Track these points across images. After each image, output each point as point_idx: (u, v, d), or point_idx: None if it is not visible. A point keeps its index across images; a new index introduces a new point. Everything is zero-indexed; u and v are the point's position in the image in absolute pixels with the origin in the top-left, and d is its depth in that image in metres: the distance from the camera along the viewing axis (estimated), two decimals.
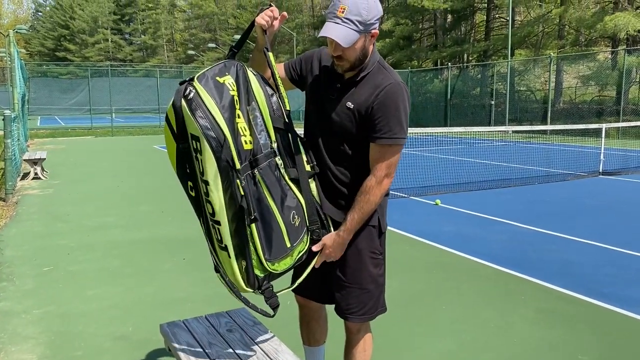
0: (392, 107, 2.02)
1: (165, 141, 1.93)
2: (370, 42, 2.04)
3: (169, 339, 2.30)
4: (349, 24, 1.93)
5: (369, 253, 2.20)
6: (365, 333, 2.35)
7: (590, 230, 6.22)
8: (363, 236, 2.19)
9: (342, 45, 1.94)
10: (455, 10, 33.82)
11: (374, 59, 2.10)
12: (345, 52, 1.99)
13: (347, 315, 2.25)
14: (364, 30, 1.96)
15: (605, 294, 4.18)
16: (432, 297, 4.20)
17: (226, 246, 1.88)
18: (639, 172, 11.02)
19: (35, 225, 6.59)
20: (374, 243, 2.21)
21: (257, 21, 2.05)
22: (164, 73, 37.31)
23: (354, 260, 2.20)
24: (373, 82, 2.06)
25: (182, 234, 6.12)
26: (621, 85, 21.44)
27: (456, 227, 6.41)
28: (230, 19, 63.33)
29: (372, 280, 2.22)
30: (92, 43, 72.69)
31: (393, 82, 2.05)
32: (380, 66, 2.11)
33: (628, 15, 22.11)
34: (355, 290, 2.21)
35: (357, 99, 2.07)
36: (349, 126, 2.09)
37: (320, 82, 2.21)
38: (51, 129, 25.33)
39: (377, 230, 2.22)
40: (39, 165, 10.32)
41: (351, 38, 1.94)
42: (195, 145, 1.81)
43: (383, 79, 2.06)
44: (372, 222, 2.20)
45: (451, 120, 27.17)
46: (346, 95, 2.10)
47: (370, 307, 2.24)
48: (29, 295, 4.23)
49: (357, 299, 2.22)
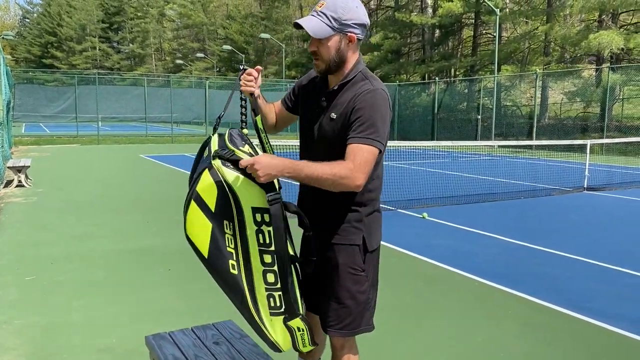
0: (368, 109, 2.00)
1: (187, 228, 1.93)
2: (347, 47, 2.05)
3: (155, 352, 2.27)
4: (322, 17, 1.98)
5: (348, 269, 2.16)
6: (349, 350, 2.28)
7: (576, 245, 6.27)
8: (343, 252, 2.16)
9: (311, 34, 1.98)
10: (443, 25, 34.19)
11: (357, 69, 2.09)
12: (319, 49, 2.03)
13: (326, 328, 2.22)
14: (338, 28, 1.99)
15: (591, 309, 4.21)
16: (420, 311, 4.19)
17: (286, 309, 1.98)
18: (623, 187, 11.17)
19: (18, 234, 6.50)
20: (355, 259, 2.17)
21: (245, 91, 2.15)
22: (151, 82, 37.24)
23: (332, 274, 2.18)
24: (354, 90, 2.07)
25: (167, 244, 6.07)
26: (605, 102, 21.77)
27: (443, 241, 6.43)
28: (219, 29, 63.43)
29: (350, 296, 2.17)
30: (79, 51, 72.40)
31: (372, 89, 2.04)
32: (363, 76, 2.10)
33: (612, 34, 22.50)
34: (333, 304, 2.19)
35: (338, 109, 2.08)
36: (334, 137, 2.09)
37: (308, 99, 2.23)
38: (36, 136, 25.08)
39: (361, 249, 2.18)
40: (23, 172, 10.20)
41: (323, 31, 1.98)
42: (261, 217, 1.88)
43: (363, 86, 2.06)
44: (355, 240, 2.16)
45: (438, 134, 27.37)
46: (330, 107, 2.11)
47: (349, 323, 2.19)
48: (11, 305, 4.15)
49: (335, 312, 2.19)
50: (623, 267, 5.37)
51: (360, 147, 1.98)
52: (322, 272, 2.18)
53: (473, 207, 8.74)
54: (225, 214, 1.88)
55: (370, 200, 2.18)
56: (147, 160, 16.37)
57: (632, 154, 19.22)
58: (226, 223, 1.89)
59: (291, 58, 50.56)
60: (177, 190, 10.22)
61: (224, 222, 1.89)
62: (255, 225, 1.88)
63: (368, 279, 2.22)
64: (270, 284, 1.93)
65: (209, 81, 34.58)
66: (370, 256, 2.22)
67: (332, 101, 2.11)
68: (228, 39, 58.91)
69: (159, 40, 74.78)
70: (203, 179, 1.88)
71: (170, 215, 7.73)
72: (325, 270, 2.18)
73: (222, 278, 1.94)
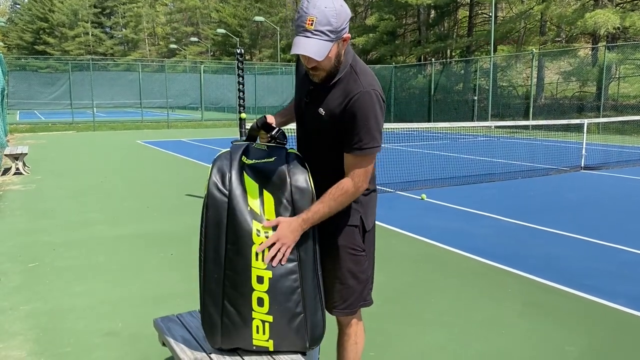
0: (361, 118, 1.98)
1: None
2: (343, 47, 2.00)
3: (164, 334, 2.30)
4: (321, 36, 1.86)
5: (348, 249, 2.21)
6: (357, 326, 2.37)
7: (574, 224, 6.32)
8: (342, 233, 2.20)
9: (316, 59, 1.89)
10: (439, 5, 33.96)
11: (346, 62, 2.05)
12: (320, 63, 1.95)
13: (331, 309, 2.28)
14: (336, 38, 1.90)
15: (589, 286, 4.26)
16: (420, 291, 4.24)
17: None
18: (619, 166, 11.21)
19: (18, 222, 6.51)
20: (354, 240, 2.21)
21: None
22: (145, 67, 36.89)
23: (333, 256, 2.21)
24: (343, 89, 2.03)
25: (168, 229, 6.09)
26: (601, 81, 21.75)
27: (442, 221, 6.47)
28: (213, 12, 62.86)
29: (352, 276, 2.23)
30: (72, 36, 71.75)
31: (362, 91, 2.00)
32: (352, 70, 2.05)
33: (607, 13, 22.41)
34: (337, 285, 2.24)
35: (328, 106, 2.06)
36: (322, 131, 2.12)
37: (301, 88, 2.22)
38: (31, 123, 24.97)
39: (360, 229, 2.23)
40: (21, 160, 10.17)
41: (325, 50, 1.88)
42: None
43: (353, 86, 2.01)
44: (353, 222, 2.20)
45: (435, 115, 27.33)
46: (317, 101, 2.09)
47: (352, 301, 2.26)
48: (15, 291, 4.18)
49: (338, 293, 2.24)
50: (620, 245, 5.43)
51: (358, 159, 2.04)
52: (323, 255, 2.20)
53: (471, 187, 8.78)
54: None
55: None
56: (144, 146, 16.33)
57: (628, 132, 19.26)
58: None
59: (286, 41, 50.20)
60: (175, 175, 10.23)
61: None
62: None
63: (367, 258, 2.28)
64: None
65: (203, 65, 34.39)
66: (368, 235, 2.28)
67: (321, 95, 2.09)
68: (222, 22, 58.43)
69: (152, 25, 74.12)
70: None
71: (170, 200, 7.74)
72: (326, 253, 2.21)
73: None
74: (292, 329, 2.01)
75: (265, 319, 1.99)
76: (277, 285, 1.98)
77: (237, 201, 2.00)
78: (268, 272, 1.98)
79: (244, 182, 2.04)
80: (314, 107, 2.10)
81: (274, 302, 1.97)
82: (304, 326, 2.04)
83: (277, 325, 1.99)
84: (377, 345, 3.26)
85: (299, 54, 1.92)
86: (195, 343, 2.19)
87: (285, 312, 1.99)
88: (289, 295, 2.00)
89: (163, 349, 2.54)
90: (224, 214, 2.00)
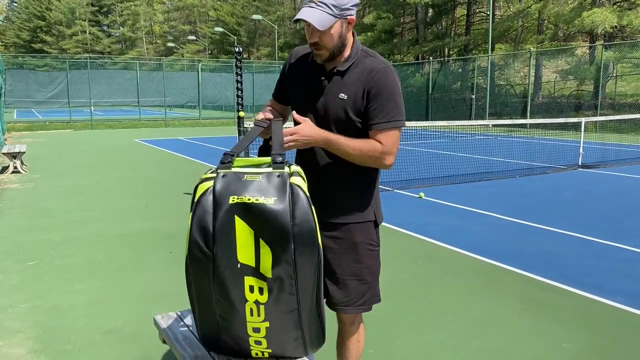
0: (385, 91, 2.03)
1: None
2: (347, 30, 2.03)
3: (164, 331, 2.30)
4: (324, 7, 1.93)
5: (366, 245, 2.22)
6: (359, 324, 2.37)
7: (571, 222, 6.34)
8: (359, 229, 2.20)
9: (317, 28, 1.92)
10: (436, 4, 34.00)
11: (357, 48, 2.09)
12: (322, 38, 1.98)
13: (346, 308, 2.25)
14: (339, 14, 1.95)
15: (587, 284, 4.28)
16: (419, 289, 4.25)
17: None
18: (617, 165, 11.25)
19: (17, 220, 6.50)
20: (370, 235, 2.23)
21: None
22: (143, 65, 36.88)
23: (352, 253, 2.21)
24: (362, 69, 2.06)
25: (167, 227, 6.10)
26: (599, 80, 21.80)
27: (440, 220, 6.49)
28: (211, 11, 62.76)
29: (369, 272, 2.24)
30: (69, 35, 71.59)
31: (383, 66, 2.05)
32: (365, 53, 2.11)
33: (605, 12, 22.45)
34: (354, 282, 2.22)
35: (349, 88, 2.06)
36: (343, 116, 2.07)
37: (305, 78, 2.16)
38: (28, 122, 24.94)
39: (373, 224, 2.25)
40: (19, 158, 10.16)
41: (326, 21, 1.93)
42: None
43: (372, 64, 2.06)
44: (369, 217, 2.22)
45: (432, 114, 27.36)
46: (336, 87, 2.08)
47: (368, 297, 2.26)
48: (15, 289, 4.18)
49: (355, 290, 2.23)
50: (618, 243, 5.45)
51: (387, 133, 2.05)
52: (340, 254, 2.20)
53: (469, 186, 8.80)
54: None
55: (375, 178, 2.24)
56: (142, 144, 16.32)
57: (625, 131, 19.31)
58: None
59: (283, 39, 50.21)
60: (173, 173, 10.22)
61: None
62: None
63: (379, 253, 2.31)
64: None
65: (201, 64, 34.38)
66: (378, 230, 2.30)
67: (338, 81, 2.09)
68: (219, 20, 58.34)
69: (149, 23, 74.05)
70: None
71: (168, 199, 7.74)
72: (343, 252, 2.20)
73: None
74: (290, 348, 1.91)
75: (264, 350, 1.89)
76: (275, 326, 1.82)
77: (224, 264, 1.70)
78: (265, 323, 1.80)
79: (233, 230, 1.68)
80: (331, 95, 2.09)
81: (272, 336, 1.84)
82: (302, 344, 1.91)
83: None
84: (376, 343, 3.27)
85: (304, 26, 1.98)
86: (195, 340, 2.20)
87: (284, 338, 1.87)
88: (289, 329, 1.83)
89: (163, 346, 2.55)
90: (211, 275, 1.73)
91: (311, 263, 1.72)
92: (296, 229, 1.67)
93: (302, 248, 1.69)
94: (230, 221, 1.68)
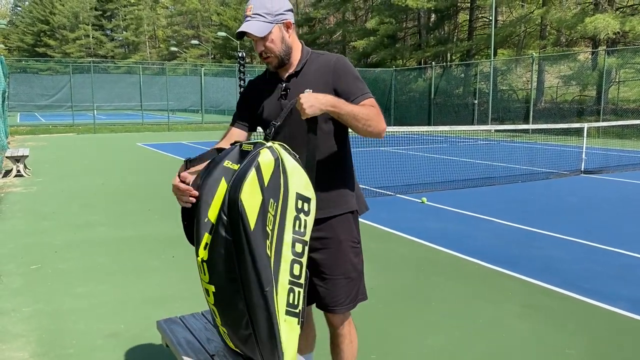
0: (349, 74, 2.18)
1: (242, 195, 1.77)
2: (288, 33, 2.16)
3: (167, 336, 2.31)
4: (258, 17, 2.10)
5: (350, 243, 2.26)
6: (349, 325, 2.38)
7: (573, 227, 6.34)
8: (341, 224, 2.24)
9: (257, 35, 2.08)
10: (439, 9, 34.04)
11: (307, 50, 2.24)
12: (267, 46, 2.12)
13: (335, 308, 2.26)
14: (274, 20, 2.10)
15: (589, 290, 4.28)
16: (421, 294, 4.25)
17: (300, 311, 1.94)
18: (619, 170, 11.24)
19: (20, 224, 6.52)
20: (352, 232, 2.28)
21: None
22: (146, 70, 36.93)
23: (337, 251, 2.24)
24: (319, 65, 2.19)
25: (169, 231, 6.11)
26: (601, 86, 21.79)
27: (442, 225, 6.49)
28: (214, 15, 62.96)
29: (354, 268, 2.28)
30: (72, 39, 71.85)
31: (338, 57, 2.21)
32: (317, 54, 2.25)
33: (607, 17, 22.44)
34: (341, 281, 2.25)
35: (313, 83, 2.14)
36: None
37: (266, 92, 2.25)
38: (32, 125, 24.99)
39: (354, 216, 2.29)
40: (22, 162, 10.20)
41: (263, 28, 2.09)
42: (302, 205, 1.90)
43: (327, 58, 2.21)
44: (351, 206, 2.27)
45: (435, 119, 27.37)
46: (298, 87, 2.16)
47: (354, 295, 2.29)
48: (18, 293, 4.19)
49: (343, 289, 2.25)
50: (620, 248, 5.44)
51: (369, 101, 2.16)
52: (327, 255, 2.22)
53: (471, 191, 8.80)
54: (274, 192, 1.83)
55: (351, 167, 2.33)
56: (144, 148, 16.35)
57: (628, 136, 19.28)
58: (271, 201, 1.83)
59: None
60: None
61: (270, 199, 1.82)
62: (295, 212, 1.88)
63: (361, 249, 2.35)
64: (295, 277, 1.89)
65: (204, 68, 34.43)
66: (358, 224, 2.34)
67: (299, 81, 2.18)
68: (222, 25, 58.50)
69: (152, 28, 74.26)
70: (263, 153, 1.83)
71: (170, 203, 7.73)
72: (329, 253, 2.22)
73: (257, 256, 1.80)
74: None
75: None
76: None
77: (203, 214, 1.88)
78: (211, 287, 1.90)
79: (215, 189, 1.89)
80: (297, 94, 2.08)
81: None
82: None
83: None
84: (378, 348, 3.27)
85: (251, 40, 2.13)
86: (198, 345, 2.21)
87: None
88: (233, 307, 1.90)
89: (165, 350, 2.55)
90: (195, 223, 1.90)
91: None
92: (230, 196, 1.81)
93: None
94: (218, 181, 1.87)
